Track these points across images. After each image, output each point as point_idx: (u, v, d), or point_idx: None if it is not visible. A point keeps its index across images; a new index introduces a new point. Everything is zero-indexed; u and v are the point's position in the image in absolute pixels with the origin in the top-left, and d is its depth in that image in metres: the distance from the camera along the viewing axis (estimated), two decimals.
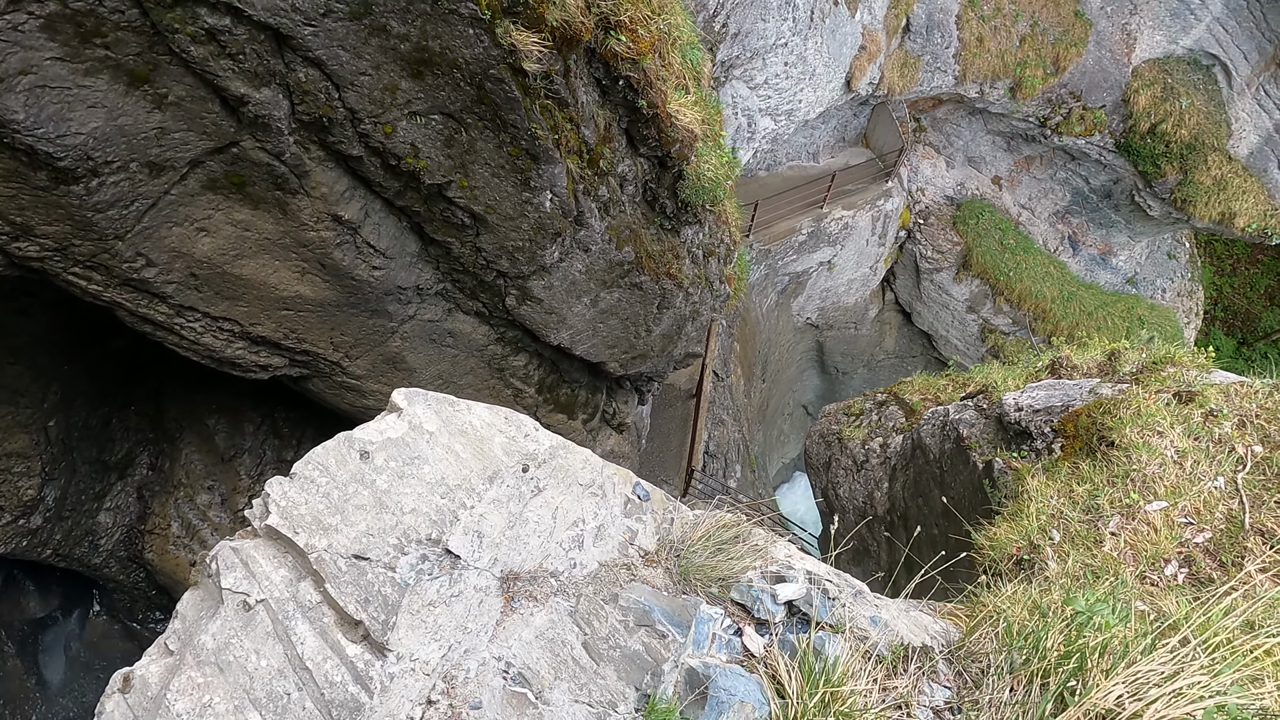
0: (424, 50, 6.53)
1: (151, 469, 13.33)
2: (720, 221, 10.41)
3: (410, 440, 2.12)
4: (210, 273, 8.35)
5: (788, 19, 15.63)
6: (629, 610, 2.01)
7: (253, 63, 6.63)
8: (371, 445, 2.14)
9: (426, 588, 1.90)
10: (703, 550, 2.28)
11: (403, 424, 2.20)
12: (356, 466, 2.06)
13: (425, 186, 7.75)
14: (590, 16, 6.56)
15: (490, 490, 2.07)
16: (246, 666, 1.81)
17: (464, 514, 2.01)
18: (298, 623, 1.87)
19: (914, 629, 2.32)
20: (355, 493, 2.01)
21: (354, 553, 1.91)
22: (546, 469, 2.20)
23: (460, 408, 2.32)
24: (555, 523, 2.13)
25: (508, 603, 1.97)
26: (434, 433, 2.14)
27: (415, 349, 9.89)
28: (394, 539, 1.95)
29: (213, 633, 1.88)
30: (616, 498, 2.27)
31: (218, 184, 7.84)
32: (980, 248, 27.26)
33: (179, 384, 12.78)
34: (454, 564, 1.97)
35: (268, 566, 1.97)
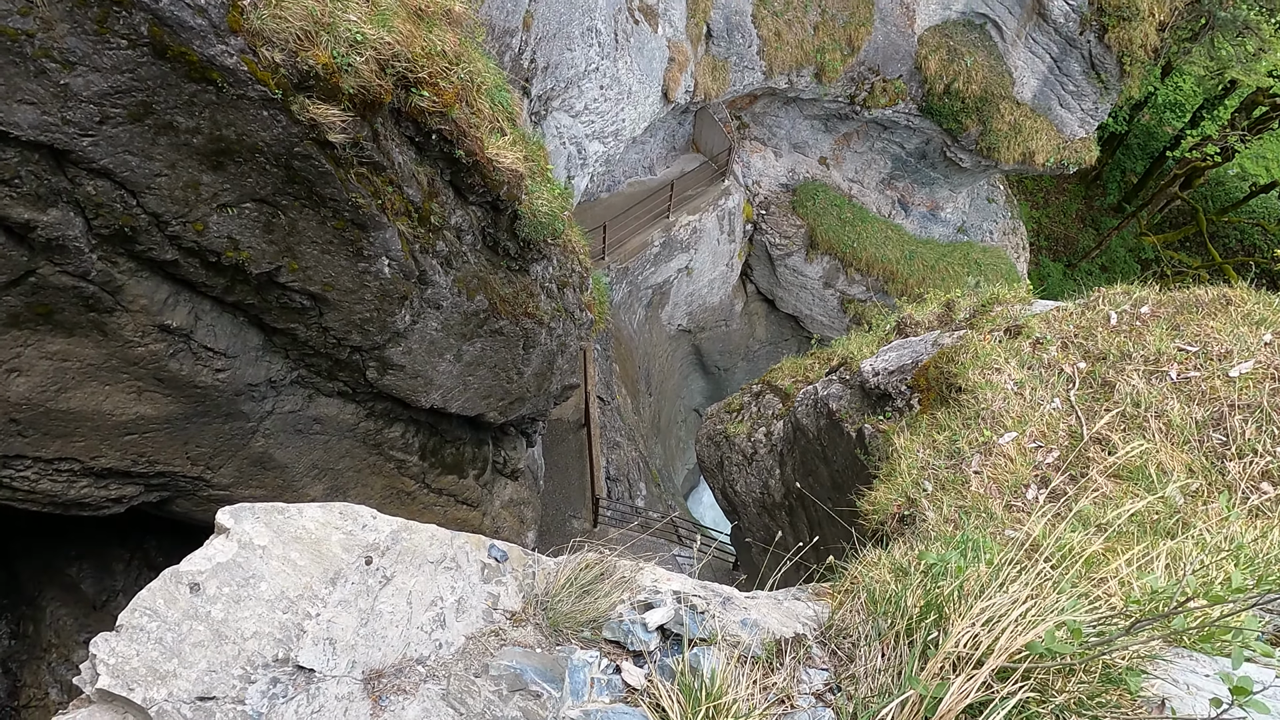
0: (219, 140, 6.27)
1: (14, 637, 12.07)
2: (567, 252, 10.47)
3: (242, 560, 1.99)
4: (33, 414, 7.68)
5: (593, 45, 15.98)
6: (500, 678, 1.96)
7: (31, 185, 6.17)
8: (200, 575, 2.00)
9: (282, 711, 1.78)
10: (568, 597, 2.26)
11: (232, 545, 2.07)
12: (188, 602, 1.92)
13: (254, 277, 7.43)
14: (387, 78, 6.49)
15: (335, 592, 1.97)
16: None
17: (310, 624, 1.90)
18: None
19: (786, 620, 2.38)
20: (190, 630, 1.87)
21: (197, 695, 1.77)
22: (391, 555, 2.12)
23: (290, 513, 2.21)
24: (412, 608, 2.05)
25: (375, 703, 1.88)
26: (266, 546, 2.02)
27: (282, 444, 9.42)
28: (239, 669, 1.82)
29: None
30: (472, 565, 2.22)
31: (20, 319, 7.23)
32: (822, 226, 28.62)
33: (26, 539, 11.66)
34: (309, 679, 1.86)
35: None
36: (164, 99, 5.97)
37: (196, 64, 5.75)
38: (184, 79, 5.88)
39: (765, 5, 23.26)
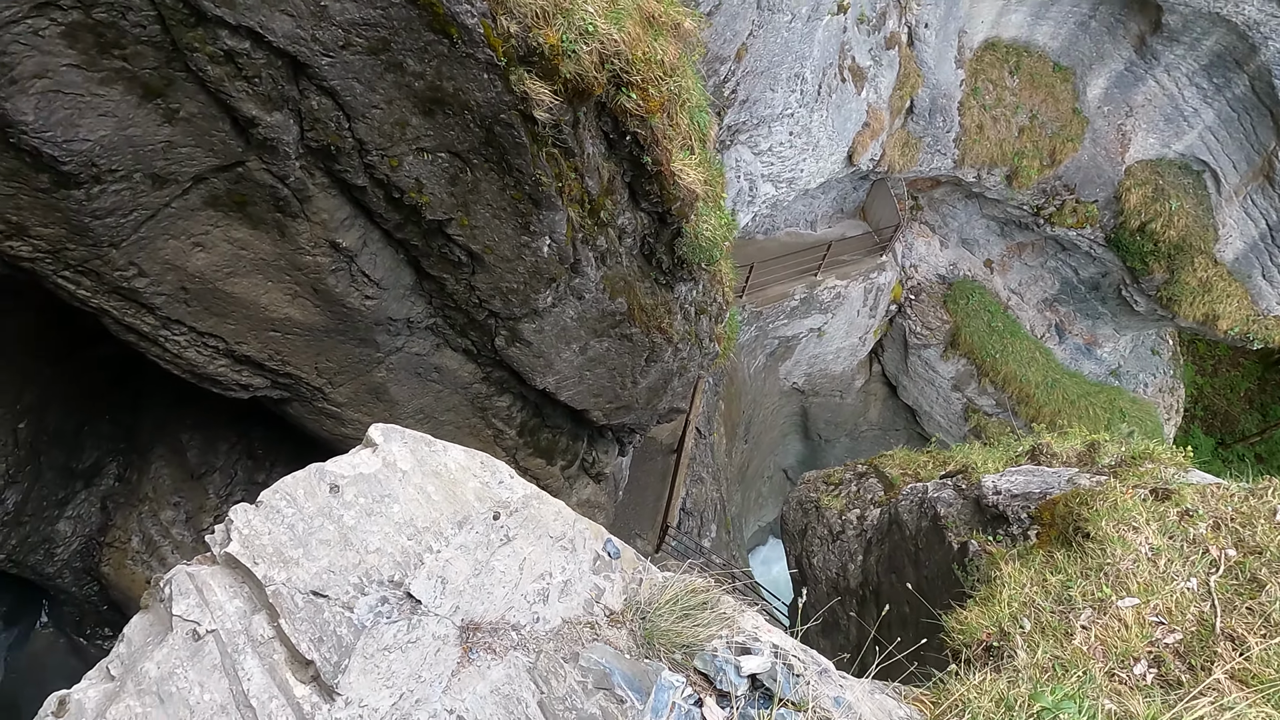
0: (437, 90, 6.64)
1: (119, 480, 13.08)
2: (714, 281, 10.50)
3: (383, 478, 2.08)
4: (201, 288, 8.32)
5: (796, 91, 16.03)
6: (589, 671, 1.96)
7: (267, 87, 6.71)
8: (343, 479, 2.10)
9: (383, 631, 1.84)
10: (669, 614, 2.23)
11: (376, 460, 2.17)
12: (325, 500, 2.02)
13: (426, 222, 7.80)
14: (603, 73, 6.71)
15: (459, 535, 2.02)
16: (189, 699, 1.74)
17: (429, 558, 1.96)
18: (247, 657, 1.81)
19: (878, 713, 2.26)
20: (320, 527, 1.97)
21: (313, 589, 1.86)
22: (518, 518, 2.16)
23: (436, 448, 2.29)
24: (522, 574, 2.08)
25: (465, 653, 1.91)
26: (407, 472, 2.11)
27: (399, 381, 9.83)
28: (355, 578, 1.90)
29: (158, 660, 1.81)
30: (586, 553, 2.23)
31: (219, 201, 7.86)
32: (969, 328, 27.59)
33: (158, 396, 12.63)
34: (414, 609, 1.91)
35: (222, 596, 1.91)
36: (402, 40, 6.38)
37: (440, 16, 6.12)
38: (425, 27, 6.26)
39: (976, 96, 22.73)
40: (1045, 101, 23.77)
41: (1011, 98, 23.36)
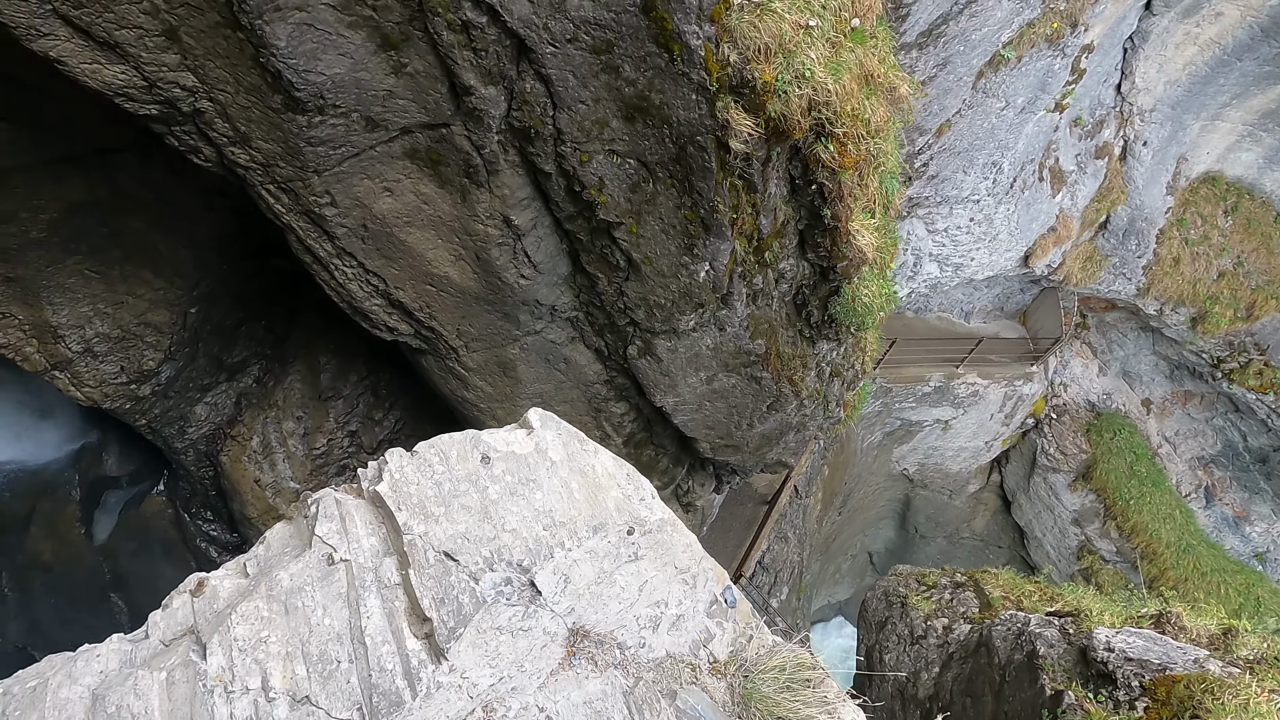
0: (644, 100, 6.80)
1: (257, 382, 14.06)
2: (857, 347, 10.25)
3: (532, 461, 2.13)
4: (379, 230, 8.84)
5: (989, 179, 15.49)
6: (684, 714, 1.92)
7: (490, 62, 7.07)
8: (495, 452, 2.16)
9: (501, 611, 1.87)
10: (773, 681, 2.16)
11: (530, 443, 2.22)
12: (474, 467, 2.09)
13: (597, 220, 7.99)
14: (807, 119, 6.69)
15: (591, 540, 2.04)
16: (310, 618, 1.84)
17: (560, 553, 1.98)
18: (371, 596, 1.89)
19: None
20: (465, 492, 2.03)
21: (446, 550, 1.92)
22: (650, 540, 2.15)
23: (588, 448, 2.33)
24: (639, 595, 2.07)
25: (568, 657, 1.92)
26: (556, 463, 2.15)
27: (529, 362, 10.10)
28: (487, 551, 1.94)
29: (292, 573, 1.93)
30: (705, 593, 2.20)
31: (417, 155, 8.34)
32: (1107, 465, 25.73)
33: (311, 317, 13.50)
34: (533, 599, 1.94)
35: (362, 530, 2.00)
36: (624, 46, 6.58)
37: (667, 31, 6.27)
38: (650, 38, 6.44)
39: (1180, 228, 21.26)
40: (1257, 251, 21.95)
41: (1220, 238, 21.71)
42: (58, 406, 14.22)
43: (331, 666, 1.80)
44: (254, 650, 1.81)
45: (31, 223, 10.87)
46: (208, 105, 7.79)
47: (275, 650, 1.81)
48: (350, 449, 14.06)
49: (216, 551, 14.73)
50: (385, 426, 14.16)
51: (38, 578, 14.34)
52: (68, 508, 14.51)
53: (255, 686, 1.78)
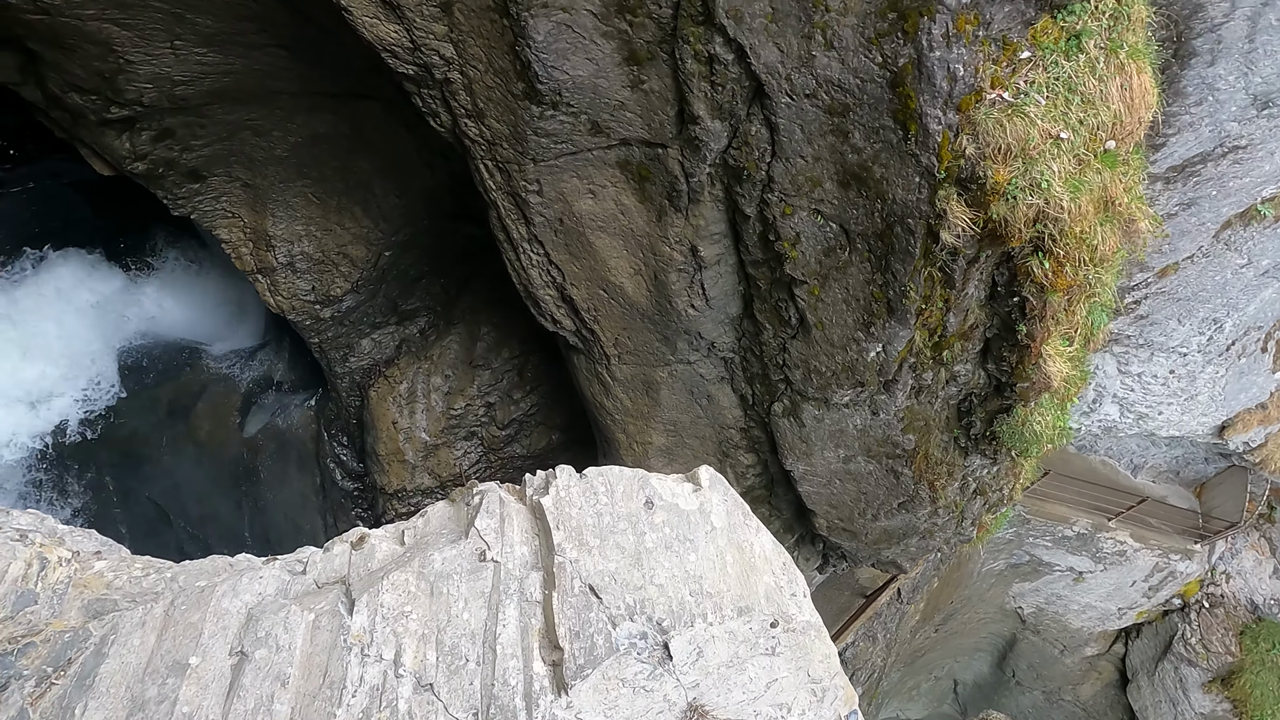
0: (864, 170, 6.69)
1: (421, 333, 14.91)
2: (1011, 472, 9.63)
3: (693, 520, 2.11)
4: (573, 227, 9.16)
5: (1203, 334, 14.19)
6: None
7: (724, 97, 7.19)
8: (660, 500, 2.16)
9: (629, 664, 1.86)
10: None
11: (695, 500, 2.21)
12: (637, 509, 2.09)
13: (782, 273, 7.94)
14: (1030, 229, 6.36)
15: (734, 621, 2.00)
16: (451, 609, 1.90)
17: (700, 624, 1.95)
18: (511, 605, 1.93)
19: None
20: (622, 531, 2.04)
21: (592, 584, 1.93)
22: (790, 639, 2.09)
23: (751, 524, 2.29)
24: (766, 692, 2.01)
25: None
26: (716, 529, 2.12)
27: (673, 389, 10.15)
28: (630, 599, 1.94)
29: (445, 557, 2.00)
30: (830, 711, 2.11)
31: (628, 166, 8.59)
32: (1255, 677, 22.86)
33: (483, 287, 14.18)
34: (663, 661, 1.91)
35: (517, 536, 2.05)
36: (860, 114, 6.51)
37: (909, 110, 6.14)
38: (888, 112, 6.33)
39: None
40: None
41: None
42: (251, 307, 15.65)
43: (460, 663, 1.84)
44: (395, 621, 1.88)
45: (280, 142, 12.04)
46: (458, 77, 8.36)
47: (414, 628, 1.88)
48: (484, 419, 14.63)
49: (341, 475, 15.69)
50: (520, 408, 14.64)
51: (189, 450, 15.80)
52: (231, 396, 15.92)
53: (388, 658, 1.86)
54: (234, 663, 1.80)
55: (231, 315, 16.14)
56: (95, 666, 1.71)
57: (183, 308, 15.96)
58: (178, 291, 16.02)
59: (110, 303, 15.45)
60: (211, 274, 16.20)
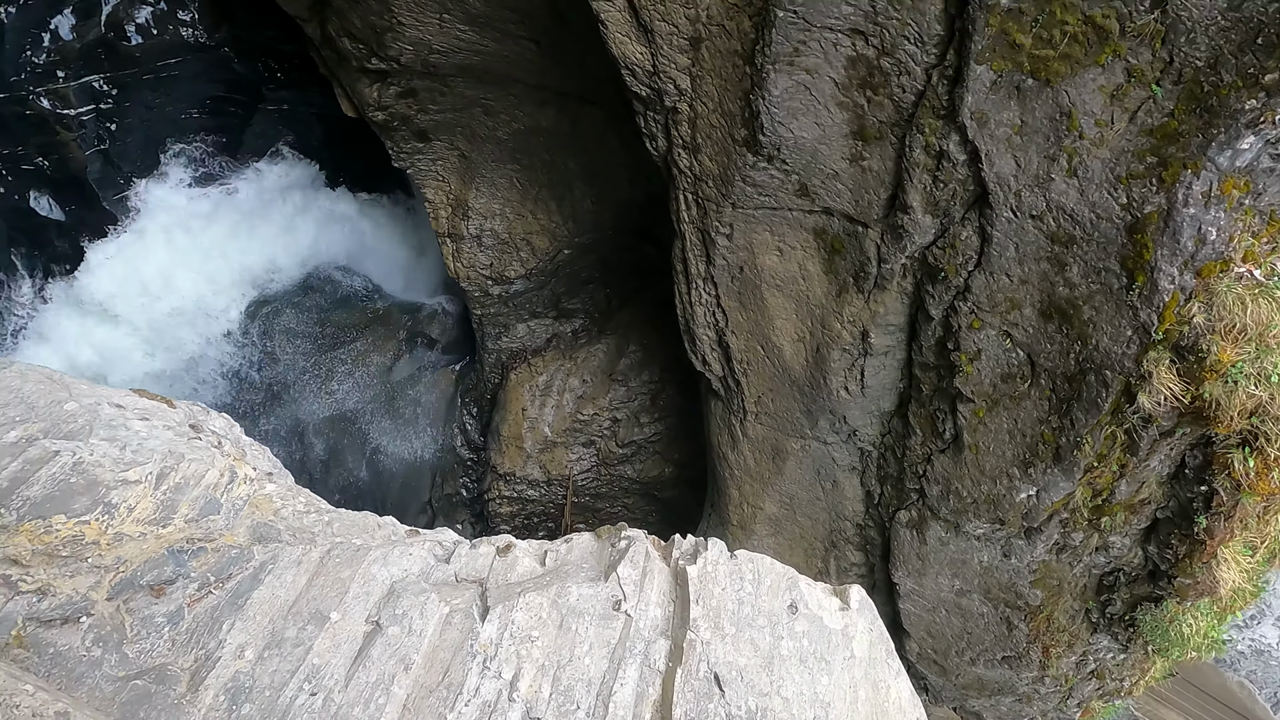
0: (1072, 306, 6.31)
1: (573, 333, 15.32)
2: (1139, 666, 8.74)
3: (834, 641, 2.02)
4: (750, 278, 9.15)
5: None
6: None
7: (943, 195, 6.98)
8: (805, 607, 2.08)
9: None
10: None
11: (840, 620, 2.12)
12: (779, 608, 2.03)
13: (950, 384, 7.60)
14: (1242, 420, 5.78)
15: None
16: (575, 648, 1.90)
17: None
18: (633, 665, 1.91)
19: None
20: (760, 628, 1.98)
21: (718, 673, 1.88)
22: None
23: (893, 666, 2.17)
24: None
25: None
26: (856, 658, 2.02)
27: (800, 463, 9.91)
28: (753, 703, 1.87)
29: (580, 595, 2.01)
30: None
31: (823, 235, 8.51)
32: None
33: (645, 307, 14.41)
34: None
35: (654, 597, 2.03)
36: (1084, 250, 6.14)
37: (1142, 260, 5.75)
38: (1116, 256, 5.94)
39: None
40: None
41: None
42: (432, 266, 16.63)
43: (570, 707, 1.84)
44: (521, 643, 1.90)
45: (504, 125, 12.76)
46: (685, 109, 8.57)
47: (536, 656, 1.90)
48: (606, 432, 14.82)
49: (461, 441, 16.33)
50: (644, 432, 14.73)
51: (339, 374, 16.91)
52: (390, 340, 16.93)
53: (506, 678, 1.88)
54: (368, 630, 1.87)
55: (414, 268, 17.20)
56: (249, 590, 1.83)
57: (377, 247, 17.18)
58: (376, 232, 17.26)
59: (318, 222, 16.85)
60: (408, 227, 17.35)
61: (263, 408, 16.64)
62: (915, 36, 6.69)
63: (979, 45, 6.09)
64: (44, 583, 1.66)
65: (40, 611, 1.62)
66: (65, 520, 1.76)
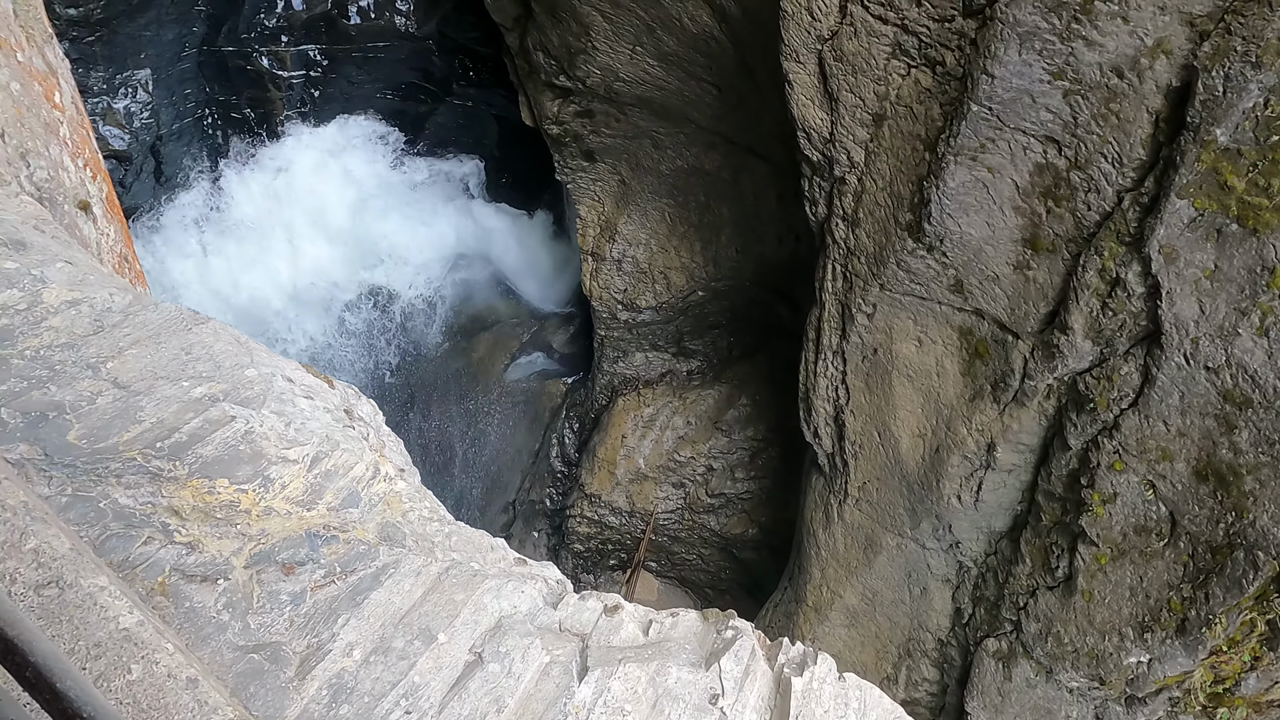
0: (1233, 473, 5.81)
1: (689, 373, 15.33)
2: None
3: None
4: (882, 362, 8.91)
5: None
6: None
7: (1109, 325, 6.60)
8: None
9: None
10: None
11: None
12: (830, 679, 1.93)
13: (1073, 519, 7.13)
14: None
15: None
16: None
17: None
18: None
19: None
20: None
21: None
22: None
23: None
24: None
25: None
26: None
27: (892, 561, 9.50)
28: None
29: (679, 678, 1.97)
30: None
31: (967, 335, 8.20)
32: None
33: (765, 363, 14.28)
34: None
35: (753, 700, 1.97)
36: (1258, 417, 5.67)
37: None
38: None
39: None
40: None
41: None
42: (568, 280, 17.06)
43: None
44: (613, 714, 1.88)
45: (669, 160, 13.00)
46: (853, 182, 8.48)
47: None
48: (699, 478, 14.69)
49: (556, 453, 16.55)
50: (735, 487, 14.52)
51: (456, 364, 17.53)
52: (512, 340, 17.45)
53: None
54: (470, 660, 1.89)
55: (550, 278, 17.70)
56: (369, 589, 1.89)
57: (521, 251, 17.80)
58: (522, 236, 17.89)
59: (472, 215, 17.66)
60: (552, 237, 17.91)
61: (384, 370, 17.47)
62: (1114, 157, 6.40)
63: (1184, 179, 5.75)
64: (195, 538, 1.77)
65: (186, 565, 1.73)
66: (227, 485, 1.88)
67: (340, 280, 17.57)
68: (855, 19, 7.69)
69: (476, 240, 17.82)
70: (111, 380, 1.98)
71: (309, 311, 17.33)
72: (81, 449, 1.83)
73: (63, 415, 1.85)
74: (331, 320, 17.50)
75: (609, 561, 16.01)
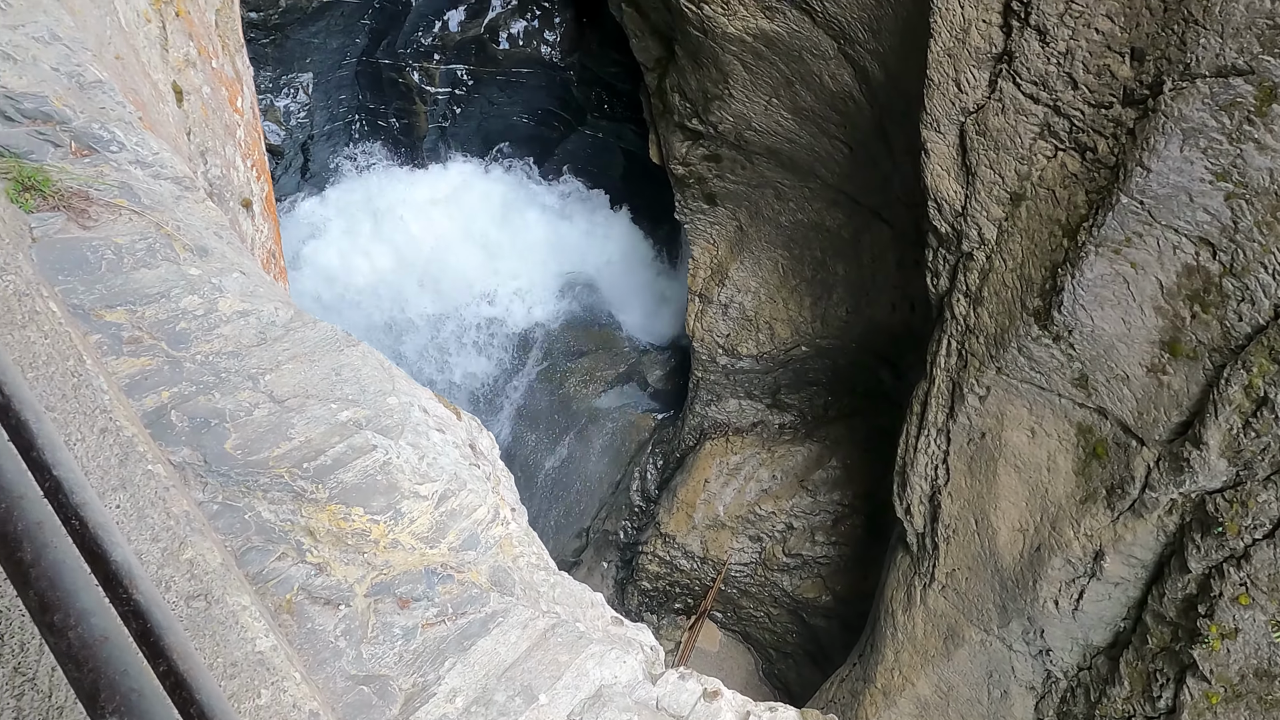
0: None
1: (780, 427, 15.10)
2: None
3: None
4: (988, 448, 8.54)
5: None
6: None
7: (1250, 445, 6.14)
8: None
9: None
10: None
11: None
12: None
13: (1183, 651, 6.61)
14: None
15: None
16: None
17: None
18: None
19: None
20: None
21: None
22: None
23: None
24: None
25: None
26: None
27: (974, 659, 9.02)
28: None
29: None
30: None
31: (1085, 432, 7.78)
32: None
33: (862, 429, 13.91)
34: None
35: None
36: None
37: None
38: None
39: None
40: None
41: None
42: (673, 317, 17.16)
43: None
44: None
45: (790, 213, 12.95)
46: (981, 259, 8.22)
47: None
48: (777, 535, 14.39)
49: (637, 486, 16.54)
50: (814, 550, 14.15)
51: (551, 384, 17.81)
52: (608, 369, 17.62)
53: None
54: None
55: (655, 314, 17.86)
56: (477, 635, 1.91)
57: (629, 283, 18.06)
58: (634, 269, 18.15)
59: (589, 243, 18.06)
60: (662, 274, 18.08)
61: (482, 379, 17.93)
62: (1276, 268, 5.99)
63: None
64: (325, 561, 1.84)
65: (313, 586, 1.80)
66: (362, 514, 1.95)
67: (450, 287, 18.20)
68: (1005, 95, 7.51)
69: (587, 266, 18.18)
70: (268, 394, 2.09)
71: (415, 313, 18.01)
72: (236, 459, 1.94)
73: (223, 424, 1.97)
74: (437, 323, 18.12)
75: (674, 604, 15.81)
